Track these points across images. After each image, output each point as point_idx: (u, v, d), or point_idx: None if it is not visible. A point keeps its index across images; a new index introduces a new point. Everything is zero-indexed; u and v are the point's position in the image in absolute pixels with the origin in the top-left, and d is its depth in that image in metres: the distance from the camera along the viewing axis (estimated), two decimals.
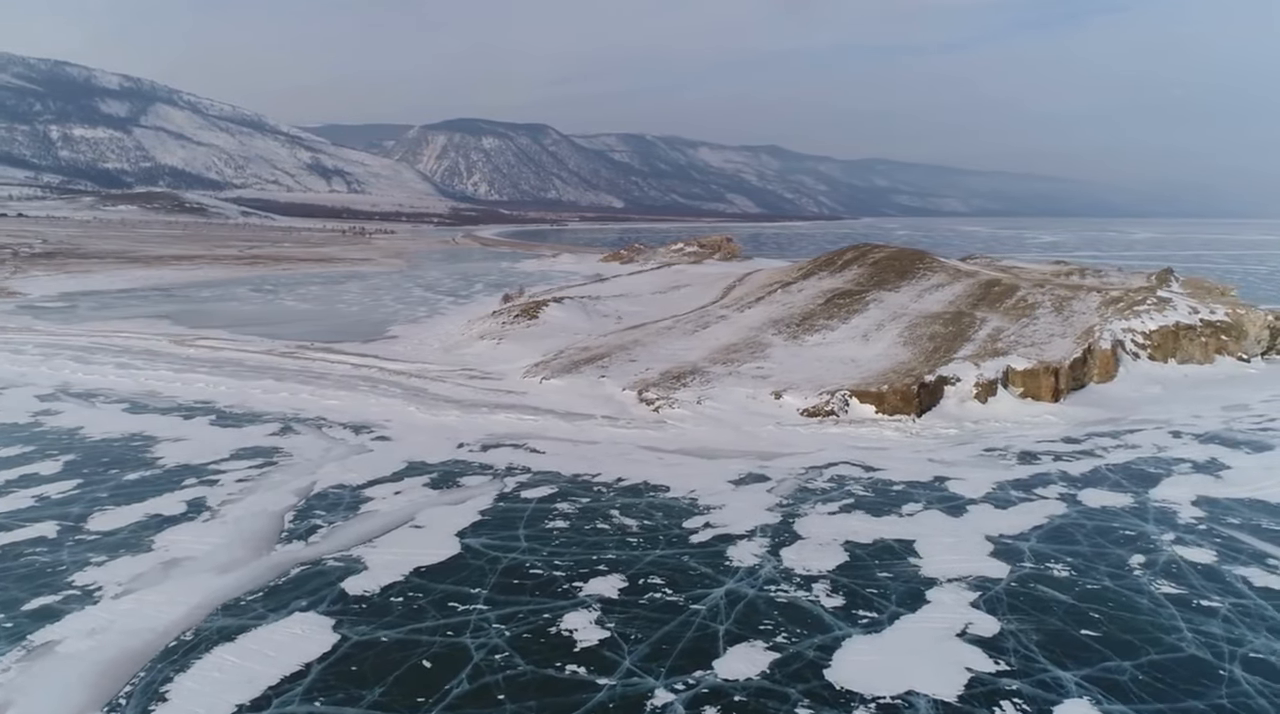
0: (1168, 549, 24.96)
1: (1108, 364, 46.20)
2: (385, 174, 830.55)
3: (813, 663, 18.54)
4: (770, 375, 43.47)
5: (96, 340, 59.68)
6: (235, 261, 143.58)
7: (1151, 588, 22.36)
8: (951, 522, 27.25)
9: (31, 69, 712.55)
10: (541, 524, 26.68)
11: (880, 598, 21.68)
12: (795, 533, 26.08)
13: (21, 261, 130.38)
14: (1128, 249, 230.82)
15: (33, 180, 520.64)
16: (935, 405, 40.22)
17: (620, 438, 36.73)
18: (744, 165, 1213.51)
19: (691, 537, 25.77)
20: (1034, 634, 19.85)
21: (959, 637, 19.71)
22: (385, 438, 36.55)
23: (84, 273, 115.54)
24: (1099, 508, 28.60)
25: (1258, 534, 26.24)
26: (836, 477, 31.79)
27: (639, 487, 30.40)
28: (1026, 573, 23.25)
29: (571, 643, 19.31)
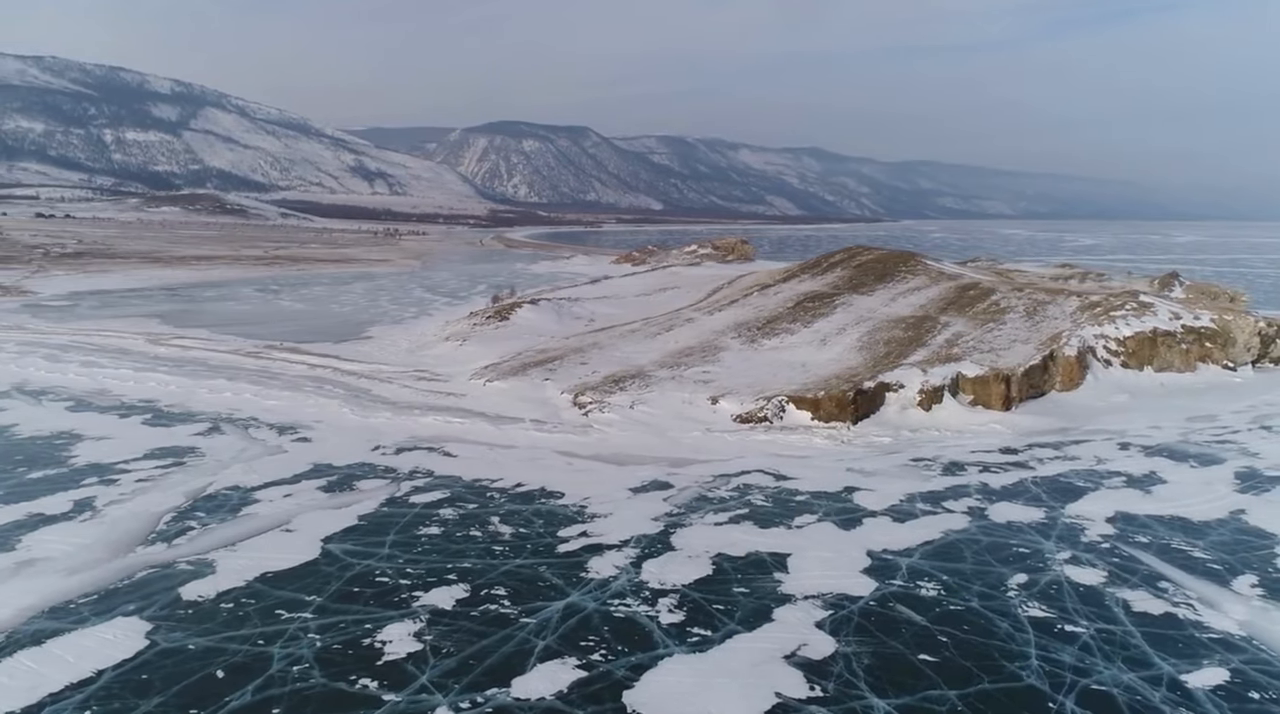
0: (1056, 569, 23.62)
1: (1071, 371, 44.36)
2: (426, 176, 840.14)
3: (617, 684, 17.72)
4: (714, 380, 42.50)
5: (77, 339, 60.62)
6: (254, 262, 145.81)
7: (1019, 611, 21.11)
8: (839, 535, 26.14)
9: (88, 74, 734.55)
10: (414, 530, 26.15)
11: (724, 615, 20.75)
12: (669, 544, 25.20)
13: (48, 261, 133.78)
14: (1165, 253, 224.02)
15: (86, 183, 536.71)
16: (875, 412, 38.91)
17: (540, 442, 36.10)
18: (785, 167, 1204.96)
19: (560, 546, 25.04)
20: (867, 658, 18.79)
21: (785, 659, 18.72)
22: (306, 439, 36.34)
23: (101, 273, 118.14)
24: (1004, 523, 27.26)
25: (1162, 554, 24.75)
26: (742, 485, 30.79)
27: (533, 493, 29.74)
28: (892, 591, 22.13)
29: (378, 655, 18.73)
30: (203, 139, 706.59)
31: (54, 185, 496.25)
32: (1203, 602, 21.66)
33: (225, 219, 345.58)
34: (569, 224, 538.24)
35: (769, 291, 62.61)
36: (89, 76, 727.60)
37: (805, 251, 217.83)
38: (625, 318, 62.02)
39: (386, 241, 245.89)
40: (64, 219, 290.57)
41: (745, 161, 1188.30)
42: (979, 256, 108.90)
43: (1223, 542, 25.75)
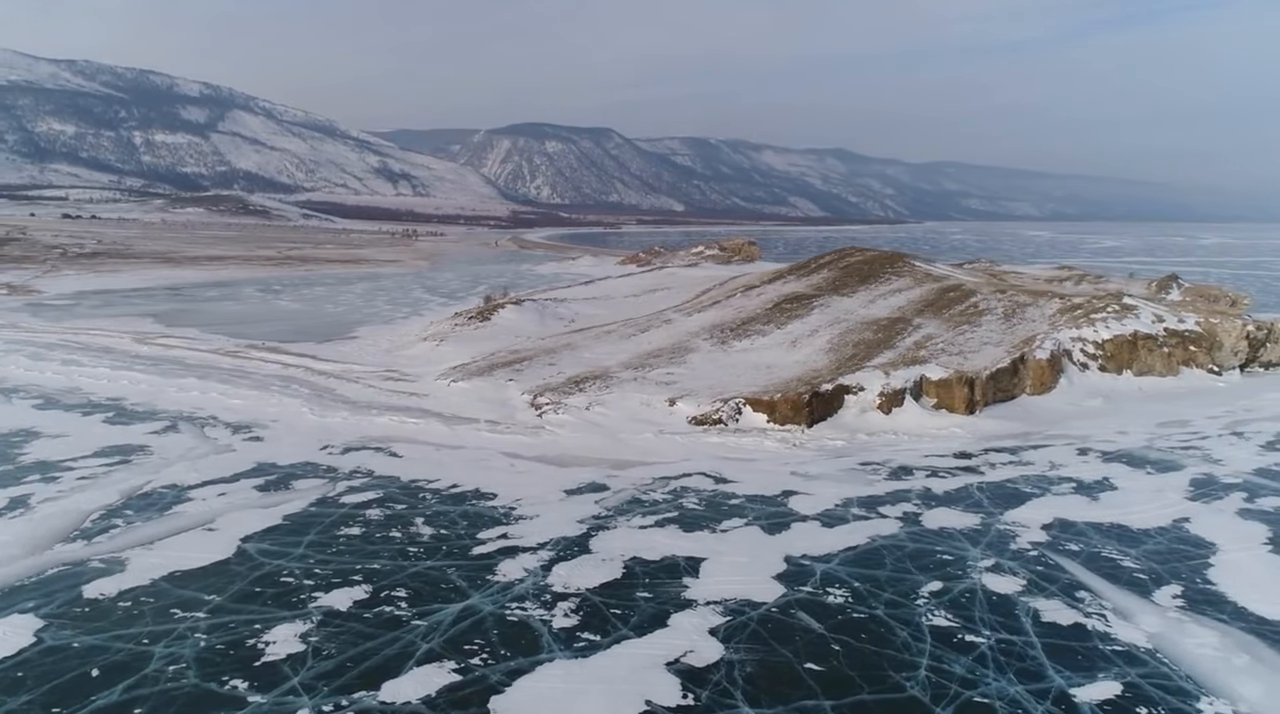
0: (974, 577, 23.08)
1: (1042, 374, 43.51)
2: (450, 178, 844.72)
3: (488, 689, 17.50)
4: (676, 381, 42.17)
5: (65, 338, 61.41)
6: (265, 262, 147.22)
7: (923, 620, 20.63)
8: (762, 540, 25.75)
9: (118, 77, 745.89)
10: (335, 530, 26.09)
11: (619, 620, 20.46)
12: (587, 547, 24.95)
13: (63, 261, 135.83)
14: (1186, 255, 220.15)
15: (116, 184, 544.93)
16: (832, 415, 38.38)
17: (489, 443, 35.98)
18: (808, 168, 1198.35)
19: (476, 548, 24.86)
20: (751, 666, 18.43)
21: (667, 666, 18.41)
22: (258, 439, 36.47)
23: (112, 273, 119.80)
24: (935, 529, 26.72)
25: (1090, 563, 24.12)
26: (679, 488, 30.46)
27: (465, 494, 29.60)
28: (799, 598, 21.72)
29: (258, 656, 18.64)
30: (230, 141, 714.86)
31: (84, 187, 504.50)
32: (1117, 612, 21.05)
33: (247, 220, 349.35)
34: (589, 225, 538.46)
35: (752, 293, 62.12)
36: (120, 79, 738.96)
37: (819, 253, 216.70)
38: (607, 319, 61.80)
39: (402, 242, 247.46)
40: (89, 220, 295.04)
41: (768, 163, 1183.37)
42: (979, 258, 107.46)
43: (1156, 551, 25.06)
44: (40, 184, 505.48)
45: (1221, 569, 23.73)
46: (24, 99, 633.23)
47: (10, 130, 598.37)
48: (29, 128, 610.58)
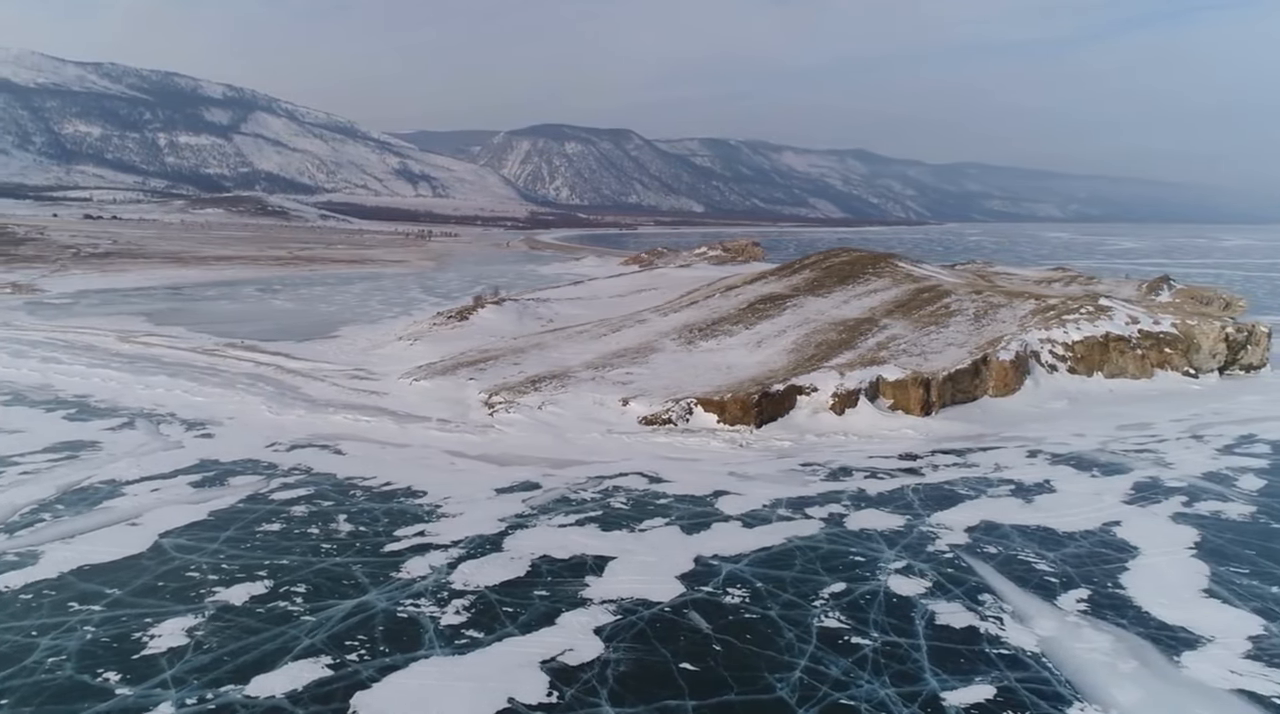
0: (880, 579, 22.86)
1: (1005, 376, 43.01)
2: (469, 179, 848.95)
3: (356, 685, 17.56)
4: (633, 381, 42.12)
5: (52, 336, 62.28)
6: (273, 262, 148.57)
7: (814, 621, 20.47)
8: (678, 540, 25.65)
9: (144, 80, 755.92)
10: (255, 527, 26.27)
11: (508, 618, 20.46)
12: (500, 545, 24.96)
13: (73, 261, 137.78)
14: (1204, 257, 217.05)
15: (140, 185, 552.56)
16: (783, 416, 38.16)
17: (435, 441, 36.09)
18: (829, 169, 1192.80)
19: (390, 545, 24.95)
20: (625, 665, 18.38)
21: (541, 664, 18.39)
22: (209, 435, 36.81)
23: (119, 272, 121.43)
24: (856, 531, 26.49)
25: (1003, 566, 23.82)
26: (611, 488, 30.41)
27: (396, 492, 29.72)
28: (695, 598, 21.62)
29: (139, 649, 18.83)
30: (252, 142, 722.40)
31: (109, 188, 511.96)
32: (1015, 616, 20.78)
33: (265, 221, 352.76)
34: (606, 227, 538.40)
35: (731, 293, 61.91)
36: (145, 82, 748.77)
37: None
38: (586, 319, 61.84)
39: (415, 243, 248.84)
40: (109, 220, 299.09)
41: (788, 164, 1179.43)
42: (973, 260, 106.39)
43: (1076, 554, 24.70)
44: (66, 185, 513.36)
45: (1136, 573, 23.36)
46: (51, 101, 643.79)
47: (38, 132, 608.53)
48: (56, 129, 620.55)
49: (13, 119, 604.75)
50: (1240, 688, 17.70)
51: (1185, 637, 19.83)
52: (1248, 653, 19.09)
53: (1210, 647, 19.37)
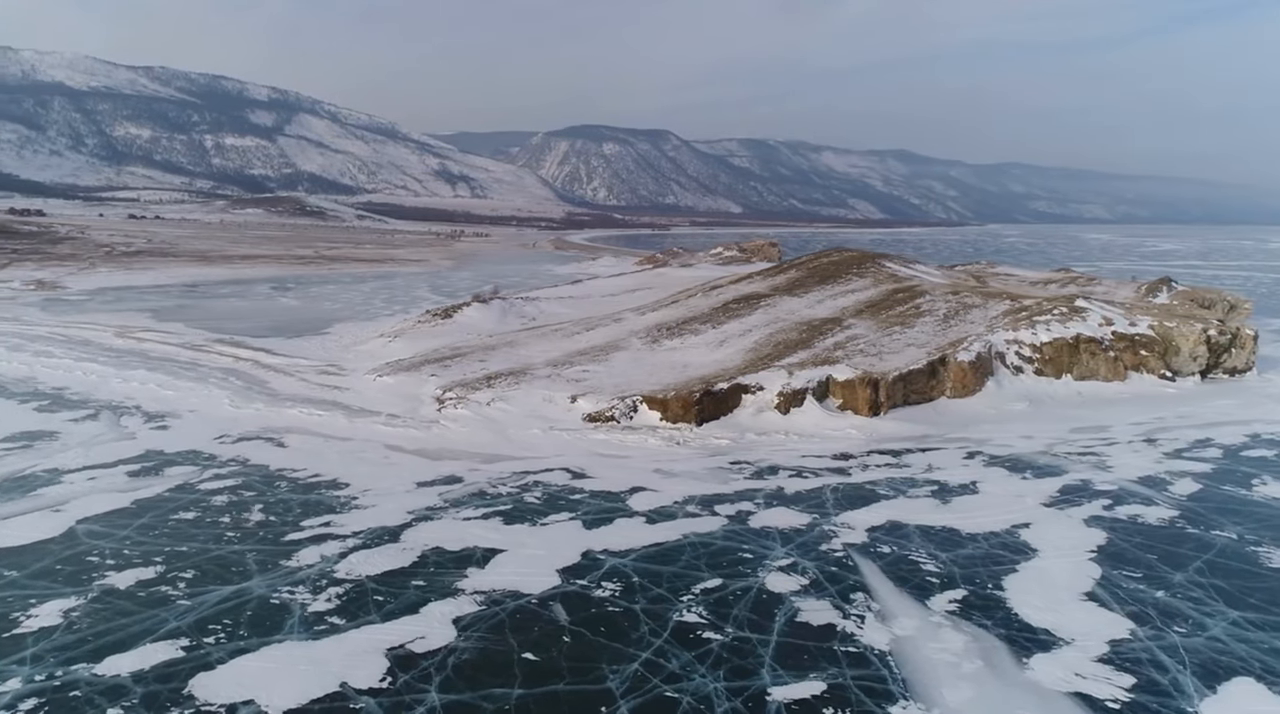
0: (760, 576, 22.94)
1: (964, 377, 42.50)
2: (508, 180, 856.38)
3: (201, 666, 18.13)
4: (587, 379, 42.45)
5: (55, 331, 64.33)
6: (295, 261, 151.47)
7: (675, 615, 20.64)
8: (575, 534, 25.93)
9: (192, 83, 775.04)
10: (171, 515, 27.07)
11: (375, 607, 20.93)
12: (397, 537, 25.46)
13: (103, 259, 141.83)
14: (1244, 258, 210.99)
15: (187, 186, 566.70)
16: (727, 414, 38.18)
17: (378, 436, 36.76)
18: (869, 170, 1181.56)
19: (292, 535, 25.59)
20: (468, 654, 18.75)
21: (387, 651, 18.85)
22: (164, 427, 37.89)
23: (142, 270, 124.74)
24: (757, 528, 26.54)
25: (890, 565, 23.72)
26: (531, 483, 30.77)
27: (320, 484, 30.39)
28: (566, 591, 21.91)
29: (11, 627, 19.64)
30: (296, 144, 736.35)
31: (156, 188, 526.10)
32: (879, 615, 20.72)
33: (303, 221, 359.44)
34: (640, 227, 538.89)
35: (713, 293, 61.92)
36: (193, 85, 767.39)
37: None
38: (568, 317, 62.31)
39: (442, 243, 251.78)
40: (151, 220, 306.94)
41: (828, 164, 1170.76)
42: (978, 261, 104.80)
43: (970, 555, 24.50)
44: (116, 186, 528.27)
45: (1022, 575, 23.11)
46: (104, 104, 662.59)
47: (90, 134, 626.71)
48: (107, 131, 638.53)
49: (67, 122, 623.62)
50: (1076, 690, 17.52)
51: (1044, 639, 19.63)
52: (1101, 656, 18.85)
53: (1065, 649, 19.16)
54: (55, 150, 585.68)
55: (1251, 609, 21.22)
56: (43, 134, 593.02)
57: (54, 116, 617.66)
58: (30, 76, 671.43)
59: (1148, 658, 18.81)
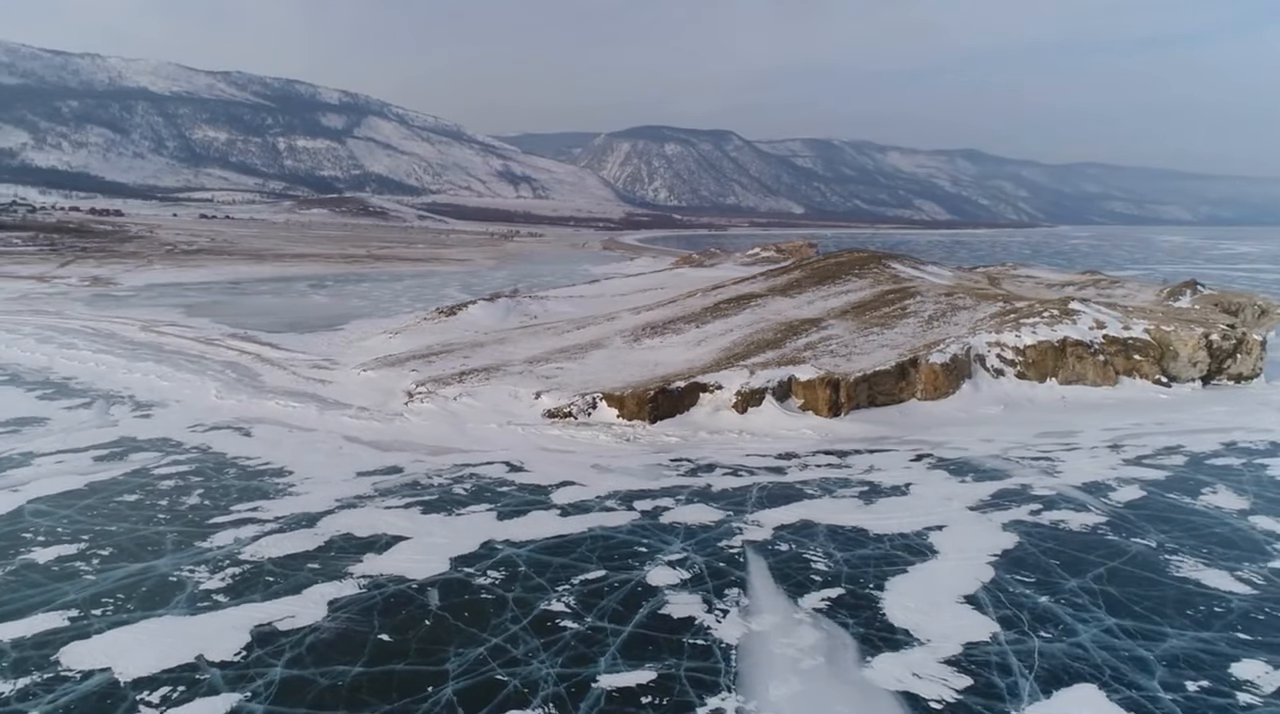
0: (645, 570, 23.29)
1: (935, 379, 41.88)
2: (569, 180, 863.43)
3: (77, 635, 19.35)
4: (557, 376, 43.16)
5: (88, 325, 67.75)
6: (343, 260, 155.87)
7: (544, 604, 21.15)
8: (484, 524, 26.65)
9: (267, 87, 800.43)
10: (115, 497, 28.63)
11: (262, 587, 21.96)
12: (314, 523, 26.50)
13: (161, 257, 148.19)
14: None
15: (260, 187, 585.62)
16: (683, 412, 38.44)
17: (341, 427, 38.05)
18: (936, 170, 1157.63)
19: (218, 518, 26.85)
20: (328, 633, 19.61)
21: (254, 628, 19.81)
22: (147, 416, 39.86)
23: (195, 268, 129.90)
24: (666, 524, 26.87)
25: (781, 563, 23.82)
26: (468, 475, 31.60)
27: (266, 472, 31.70)
28: (451, 578, 22.63)
29: None
30: (364, 146, 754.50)
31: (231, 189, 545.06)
32: (744, 611, 20.91)
33: (365, 221, 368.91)
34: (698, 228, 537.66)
35: (713, 293, 62.04)
36: (268, 89, 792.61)
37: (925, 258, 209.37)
38: (572, 316, 63.13)
39: (493, 243, 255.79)
40: (221, 220, 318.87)
41: (894, 164, 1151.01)
42: (1005, 262, 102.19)
43: (867, 555, 24.44)
44: (194, 187, 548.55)
45: (910, 576, 23.00)
46: (184, 108, 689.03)
47: (171, 137, 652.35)
48: (187, 134, 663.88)
49: (149, 125, 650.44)
50: (905, 690, 17.52)
51: (899, 639, 19.58)
52: (950, 658, 18.74)
53: (915, 650, 19.10)
54: (138, 153, 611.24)
55: (1131, 617, 20.79)
56: (127, 137, 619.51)
57: (137, 120, 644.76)
58: (117, 83, 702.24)
59: (997, 662, 18.64)
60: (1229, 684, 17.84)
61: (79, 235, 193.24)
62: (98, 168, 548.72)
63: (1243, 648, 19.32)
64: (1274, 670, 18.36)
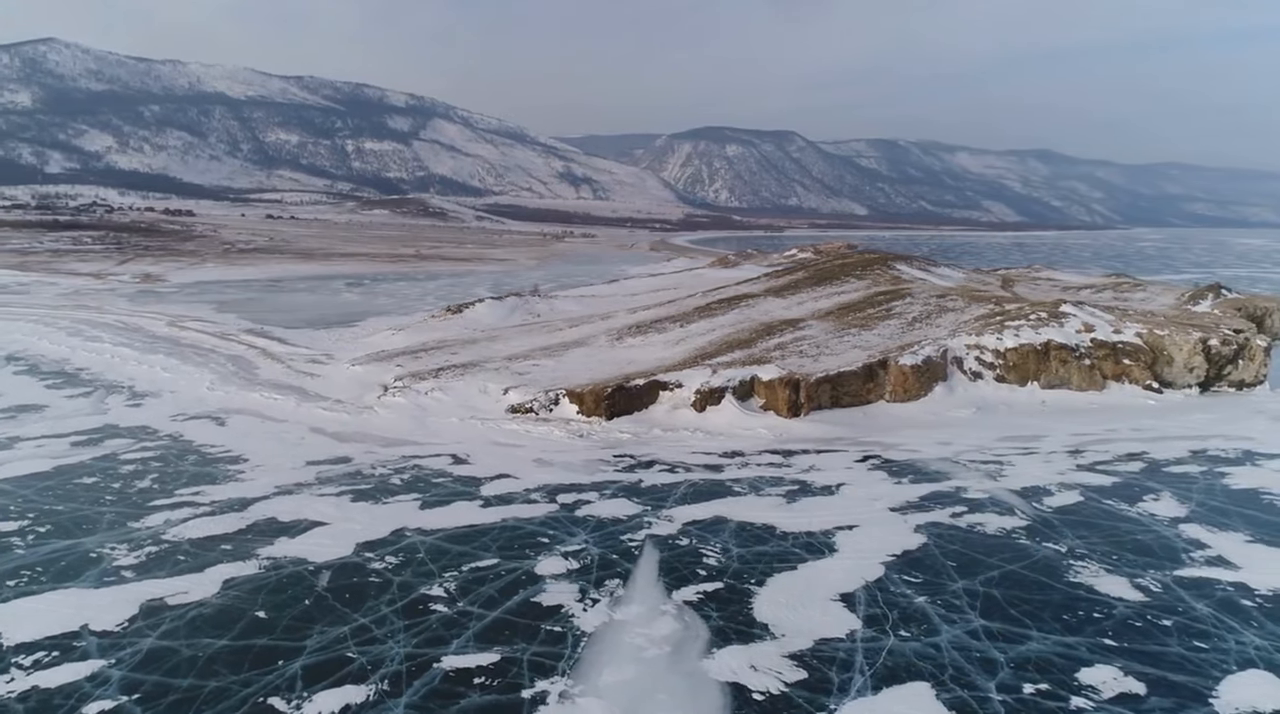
0: (535, 559, 23.91)
1: (905, 381, 41.46)
2: (630, 182, 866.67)
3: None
4: (531, 372, 44.03)
5: (120, 319, 71.18)
6: (388, 259, 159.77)
7: (423, 589, 21.95)
8: (402, 512, 27.56)
9: (337, 91, 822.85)
10: (76, 479, 30.45)
11: (171, 565, 23.25)
12: (244, 509, 27.77)
13: (216, 256, 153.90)
14: None
15: (328, 188, 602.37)
16: (642, 410, 38.90)
17: (311, 419, 39.52)
18: (1006, 171, 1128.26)
19: (158, 501, 28.39)
20: (207, 609, 20.73)
21: (145, 602, 21.04)
22: (137, 405, 42.03)
23: (243, 266, 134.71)
24: (581, 517, 27.44)
25: (670, 558, 24.18)
26: (411, 466, 32.65)
27: (223, 459, 33.24)
28: (348, 562, 23.58)
29: None
30: (429, 148, 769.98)
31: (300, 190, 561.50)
32: (615, 601, 21.37)
33: (423, 221, 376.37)
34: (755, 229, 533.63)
35: (711, 293, 62.23)
36: (338, 93, 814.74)
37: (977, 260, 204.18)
38: (573, 314, 64.02)
39: (544, 243, 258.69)
40: (286, 220, 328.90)
41: (962, 164, 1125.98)
42: (1033, 264, 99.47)
43: (764, 553, 24.62)
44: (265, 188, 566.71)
45: (795, 574, 23.14)
46: (258, 112, 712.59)
47: (245, 140, 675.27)
48: (260, 137, 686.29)
49: (225, 129, 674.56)
50: (735, 681, 17.77)
51: (754, 633, 19.80)
52: (795, 653, 18.89)
53: (764, 644, 19.30)
54: (214, 156, 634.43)
55: (1003, 620, 20.63)
56: (204, 140, 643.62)
57: (214, 124, 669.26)
58: (196, 88, 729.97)
59: (842, 658, 18.76)
60: (1068, 688, 17.66)
61: (146, 234, 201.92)
62: (176, 170, 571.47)
63: (1102, 654, 19.05)
64: (1123, 677, 18.10)
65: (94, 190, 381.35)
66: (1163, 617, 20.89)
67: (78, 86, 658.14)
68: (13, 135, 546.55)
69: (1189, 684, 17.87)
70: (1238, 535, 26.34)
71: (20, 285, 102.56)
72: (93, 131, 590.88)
